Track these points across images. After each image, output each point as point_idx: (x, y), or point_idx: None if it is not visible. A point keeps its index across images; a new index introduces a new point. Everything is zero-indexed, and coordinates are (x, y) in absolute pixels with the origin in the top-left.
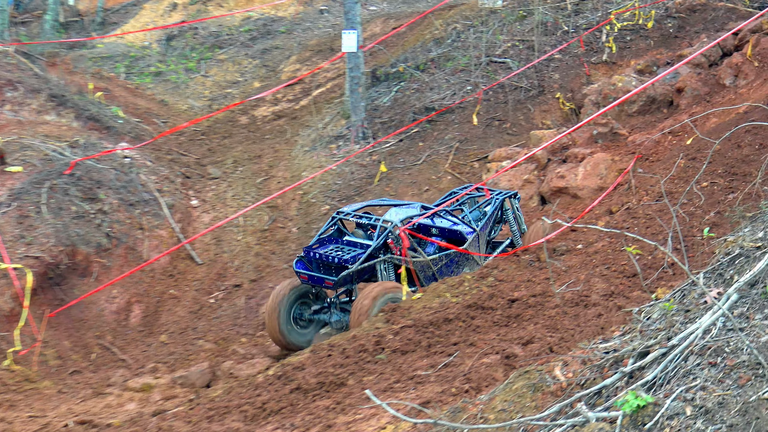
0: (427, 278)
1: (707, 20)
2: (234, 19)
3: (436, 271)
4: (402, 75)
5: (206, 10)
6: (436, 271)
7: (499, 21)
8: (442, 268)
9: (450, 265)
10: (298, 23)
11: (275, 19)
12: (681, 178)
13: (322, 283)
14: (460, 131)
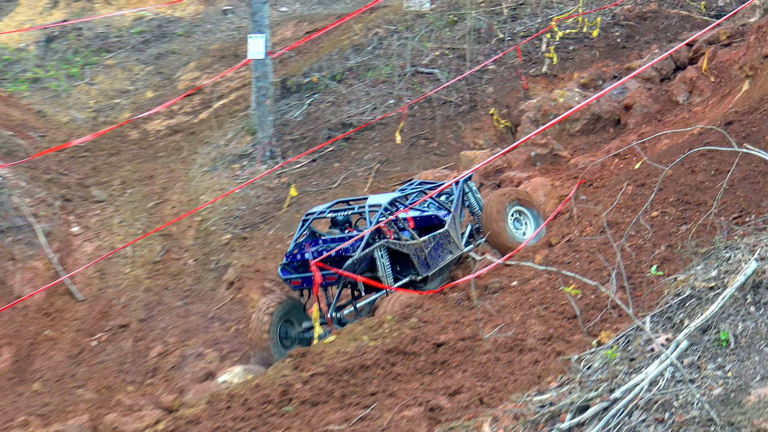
0: (422, 264)
1: (659, 29)
2: (124, 19)
3: (428, 255)
4: (316, 86)
5: (92, 9)
6: (428, 255)
7: (426, 26)
8: (431, 253)
9: (438, 249)
10: (198, 25)
11: (172, 19)
12: (628, 206)
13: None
14: (382, 150)
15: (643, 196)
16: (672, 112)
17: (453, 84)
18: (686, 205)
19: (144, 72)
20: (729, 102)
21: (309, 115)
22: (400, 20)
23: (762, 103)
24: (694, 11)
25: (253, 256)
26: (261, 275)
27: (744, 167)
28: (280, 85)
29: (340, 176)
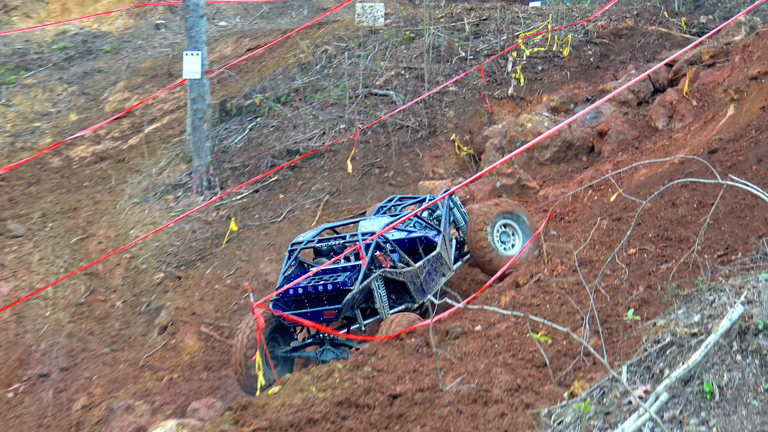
0: (418, 291)
1: (635, 48)
2: (45, 33)
3: (423, 281)
4: (258, 109)
5: (9, 22)
6: (423, 281)
7: (380, 43)
8: (426, 278)
9: (432, 273)
10: (128, 41)
11: (98, 34)
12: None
13: (319, 317)
14: (331, 180)
15: (620, 232)
16: (650, 139)
17: (410, 107)
18: (667, 241)
19: (67, 92)
20: (713, 128)
21: (251, 141)
22: (351, 36)
23: (748, 130)
24: (674, 28)
25: (189, 298)
26: (197, 319)
27: (729, 200)
28: (218, 107)
29: (285, 208)
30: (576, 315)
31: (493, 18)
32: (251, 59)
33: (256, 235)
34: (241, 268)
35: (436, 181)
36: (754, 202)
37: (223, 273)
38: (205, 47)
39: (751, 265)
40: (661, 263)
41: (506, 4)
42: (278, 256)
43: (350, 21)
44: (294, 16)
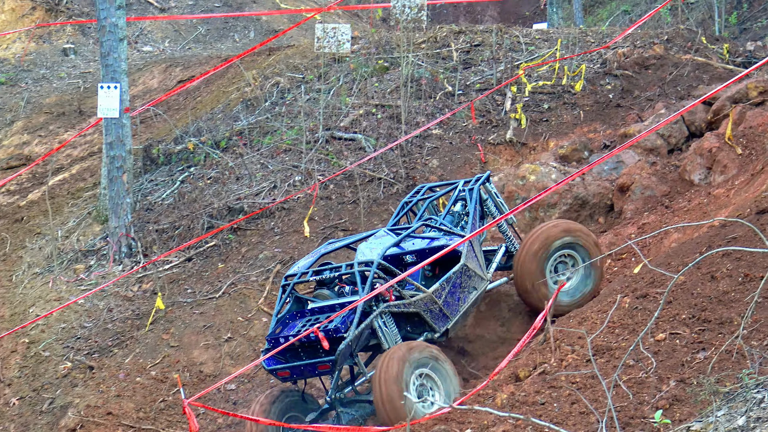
0: (437, 319)
1: (665, 81)
2: None
3: (442, 305)
4: (192, 156)
5: None
6: (443, 305)
7: (346, 75)
8: (447, 300)
9: (455, 292)
10: (28, 69)
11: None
12: (625, 326)
13: (314, 371)
14: (284, 246)
15: (646, 312)
16: (684, 196)
17: (383, 154)
18: (704, 324)
19: None
20: (762, 182)
21: (182, 197)
22: (309, 66)
23: None
24: (713, 57)
25: (103, 394)
26: (114, 420)
27: None
28: (142, 154)
29: (225, 281)
30: (590, 416)
31: (488, 44)
32: (183, 94)
33: (188, 315)
34: (169, 357)
35: None
36: None
37: (146, 362)
38: (126, 78)
39: None
40: (697, 351)
41: (504, 27)
42: (216, 341)
43: (308, 46)
44: (237, 40)
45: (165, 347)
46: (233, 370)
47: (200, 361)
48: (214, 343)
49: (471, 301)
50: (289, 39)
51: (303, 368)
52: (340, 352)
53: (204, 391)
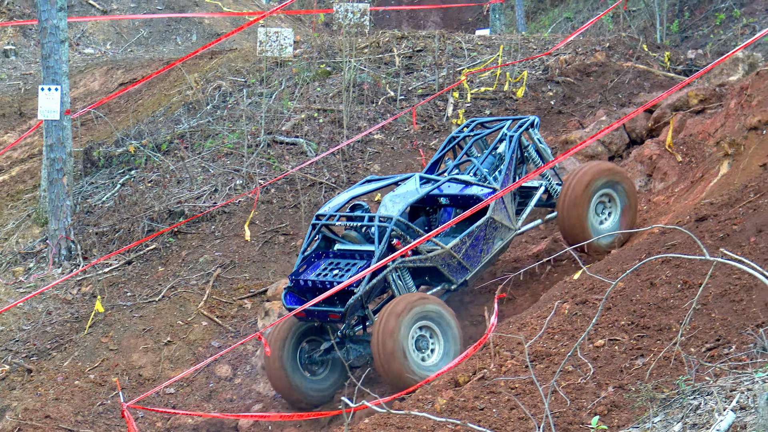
0: (455, 271)
1: (607, 89)
2: None
3: (462, 259)
4: (133, 159)
5: None
6: (463, 258)
7: (288, 79)
8: (468, 253)
9: (477, 245)
10: None
11: None
12: (565, 332)
13: (325, 317)
14: (224, 250)
15: (585, 318)
16: None
17: (324, 159)
18: (643, 330)
19: None
20: (702, 190)
21: (123, 200)
22: (251, 70)
23: (746, 192)
24: (655, 65)
25: (41, 397)
26: (52, 423)
27: (722, 279)
28: (82, 156)
29: (165, 285)
30: (529, 422)
31: (430, 49)
32: (125, 96)
33: (127, 319)
34: (108, 360)
35: None
36: (752, 282)
37: (85, 365)
38: (67, 81)
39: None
40: (635, 358)
41: (446, 33)
42: (155, 345)
43: (250, 50)
44: (180, 43)
45: (104, 350)
46: (173, 373)
47: (139, 365)
48: (153, 346)
49: (495, 251)
50: (231, 43)
51: (317, 313)
52: (348, 306)
53: (143, 395)
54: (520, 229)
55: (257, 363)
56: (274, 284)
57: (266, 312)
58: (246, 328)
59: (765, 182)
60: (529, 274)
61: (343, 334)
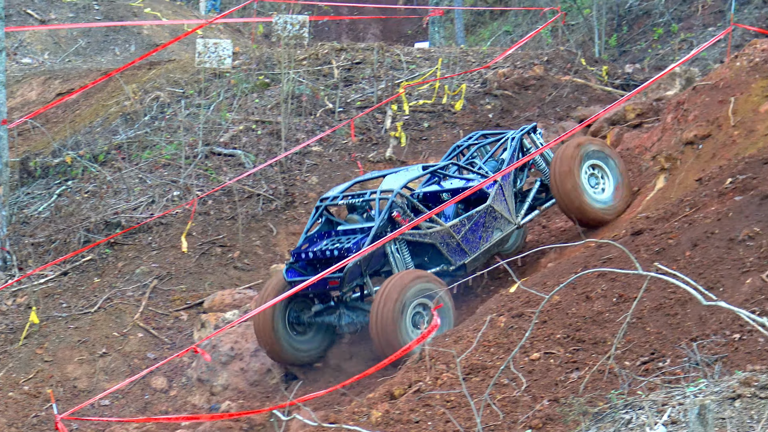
0: (454, 252)
1: (545, 102)
2: None
3: (461, 241)
4: (70, 169)
5: None
6: (461, 241)
7: (226, 90)
8: (467, 237)
9: (476, 230)
10: None
11: None
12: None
13: (325, 285)
14: (161, 262)
15: (521, 331)
16: (562, 216)
17: (262, 171)
18: (579, 344)
19: None
20: (638, 203)
21: (59, 210)
22: (190, 81)
23: (681, 207)
24: (592, 79)
25: None
26: None
27: (657, 293)
28: (18, 167)
29: (101, 296)
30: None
31: (369, 62)
32: (62, 106)
33: (63, 330)
34: (43, 371)
35: None
36: (687, 296)
37: (19, 377)
38: (4, 90)
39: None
40: (570, 371)
41: (386, 45)
42: (90, 357)
43: (189, 61)
44: (118, 54)
45: (39, 362)
46: (108, 385)
47: (74, 377)
48: (88, 358)
49: (494, 241)
50: (170, 53)
51: (317, 282)
52: (347, 269)
53: (78, 407)
54: (520, 222)
55: (192, 375)
56: (211, 296)
57: (202, 324)
58: (182, 340)
59: (701, 196)
60: (465, 287)
61: (338, 299)
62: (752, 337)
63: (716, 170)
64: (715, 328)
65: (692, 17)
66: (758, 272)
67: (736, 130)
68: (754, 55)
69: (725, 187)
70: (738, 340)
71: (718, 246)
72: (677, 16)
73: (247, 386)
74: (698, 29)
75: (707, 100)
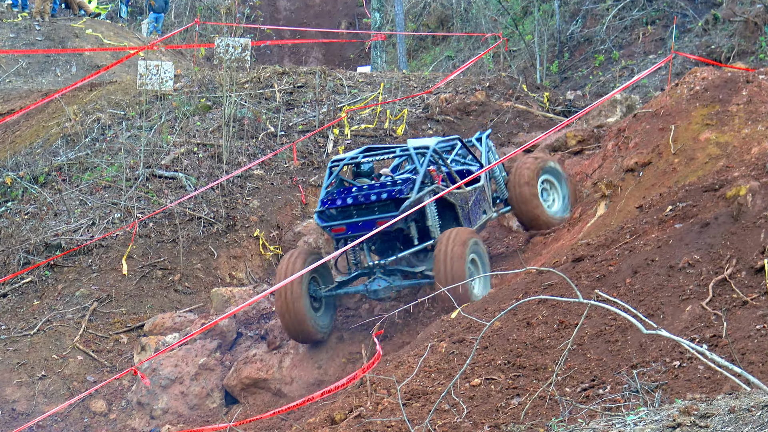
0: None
1: (486, 128)
2: None
3: (470, 208)
4: (9, 191)
5: None
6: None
7: (168, 113)
8: (473, 207)
9: (477, 204)
10: None
11: None
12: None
13: (372, 226)
14: (101, 284)
15: (462, 357)
16: (502, 242)
17: (204, 194)
18: (519, 370)
19: None
20: (579, 230)
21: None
22: (131, 103)
23: (622, 234)
24: (534, 105)
25: None
26: None
27: (598, 320)
28: None
29: (41, 318)
30: None
31: (311, 85)
32: (2, 127)
33: (1, 352)
34: None
35: (234, 288)
36: (627, 323)
37: None
38: None
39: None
40: (511, 397)
41: (328, 69)
42: (29, 379)
43: (130, 83)
44: (59, 75)
45: None
46: (47, 408)
47: (13, 399)
48: (27, 380)
49: (483, 221)
50: (111, 75)
51: (361, 224)
52: (404, 208)
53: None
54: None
55: (132, 398)
56: (151, 319)
57: (143, 347)
58: (122, 363)
59: (641, 224)
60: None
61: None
62: (692, 364)
63: (657, 197)
64: (655, 356)
65: (633, 45)
66: (698, 300)
67: (677, 157)
68: (695, 83)
69: (666, 215)
70: (678, 368)
71: (659, 273)
72: (618, 43)
73: (187, 410)
74: (639, 57)
75: (648, 128)
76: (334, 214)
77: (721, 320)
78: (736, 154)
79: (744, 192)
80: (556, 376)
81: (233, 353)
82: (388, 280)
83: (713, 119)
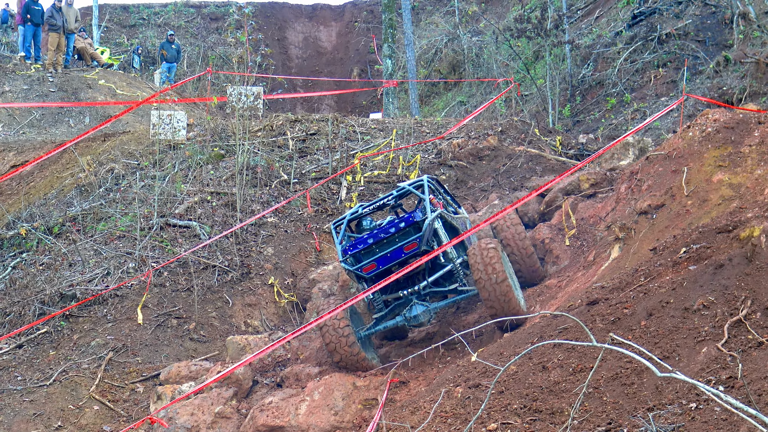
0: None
1: (499, 172)
2: None
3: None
4: (24, 241)
5: None
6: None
7: (181, 162)
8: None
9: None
10: None
11: None
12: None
13: (400, 254)
14: (116, 334)
15: (478, 402)
16: None
17: (218, 242)
18: (536, 414)
19: None
20: (593, 273)
21: (13, 283)
22: (144, 152)
23: (636, 276)
24: (546, 149)
25: None
26: None
27: (613, 363)
28: None
29: (57, 369)
30: None
31: (324, 132)
32: (16, 178)
33: (18, 403)
34: None
35: (249, 336)
36: (643, 366)
37: None
38: None
39: None
40: None
41: (340, 116)
42: (46, 430)
43: (144, 133)
44: (72, 125)
45: None
46: None
47: None
48: (44, 431)
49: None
50: (124, 125)
51: (390, 255)
52: (426, 227)
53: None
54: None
55: None
56: (167, 368)
57: (159, 396)
58: (138, 412)
59: (655, 266)
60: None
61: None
62: (709, 406)
63: (671, 240)
64: (671, 398)
65: (645, 87)
66: (713, 341)
67: (690, 199)
68: (707, 125)
69: (680, 257)
70: (695, 410)
71: (674, 315)
72: (630, 86)
73: None
74: (651, 99)
75: (660, 170)
76: (359, 257)
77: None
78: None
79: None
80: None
81: (249, 401)
82: (425, 304)
83: (726, 161)
